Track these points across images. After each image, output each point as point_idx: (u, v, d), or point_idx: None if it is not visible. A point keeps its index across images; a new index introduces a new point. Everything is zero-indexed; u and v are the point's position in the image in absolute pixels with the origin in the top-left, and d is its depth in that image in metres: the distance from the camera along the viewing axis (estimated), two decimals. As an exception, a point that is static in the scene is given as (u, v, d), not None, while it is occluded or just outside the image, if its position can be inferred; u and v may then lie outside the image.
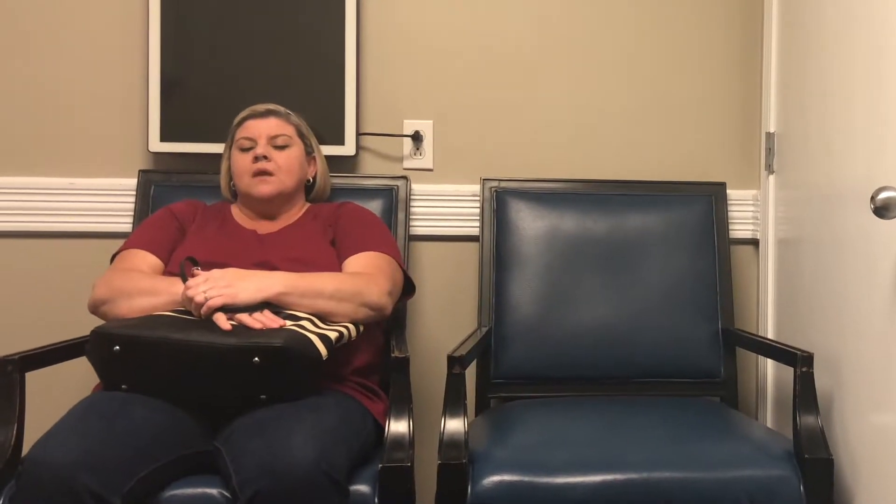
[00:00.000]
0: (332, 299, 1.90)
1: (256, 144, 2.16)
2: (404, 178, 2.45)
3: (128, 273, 1.99)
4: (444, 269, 2.53)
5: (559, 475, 1.81)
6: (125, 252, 2.07)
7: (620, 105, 2.57)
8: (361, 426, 1.87)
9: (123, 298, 1.92)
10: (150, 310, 1.90)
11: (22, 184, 2.46)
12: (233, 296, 1.82)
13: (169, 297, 1.92)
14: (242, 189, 2.17)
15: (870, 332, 1.90)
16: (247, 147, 2.16)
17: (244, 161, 2.16)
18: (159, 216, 2.17)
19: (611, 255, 2.38)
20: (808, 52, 2.25)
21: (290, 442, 1.62)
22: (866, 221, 1.85)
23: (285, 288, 1.87)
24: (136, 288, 1.93)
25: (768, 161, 2.47)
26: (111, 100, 2.48)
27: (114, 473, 1.58)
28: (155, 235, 2.11)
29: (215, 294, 1.82)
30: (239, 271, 1.89)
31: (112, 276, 1.98)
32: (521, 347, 2.33)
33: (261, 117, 2.19)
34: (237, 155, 2.18)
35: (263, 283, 1.87)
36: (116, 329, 1.78)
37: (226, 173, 2.26)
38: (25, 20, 2.46)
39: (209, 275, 1.86)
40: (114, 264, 2.06)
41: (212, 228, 2.15)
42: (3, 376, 1.82)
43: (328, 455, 1.63)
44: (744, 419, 2.19)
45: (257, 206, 2.18)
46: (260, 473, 1.58)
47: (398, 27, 2.53)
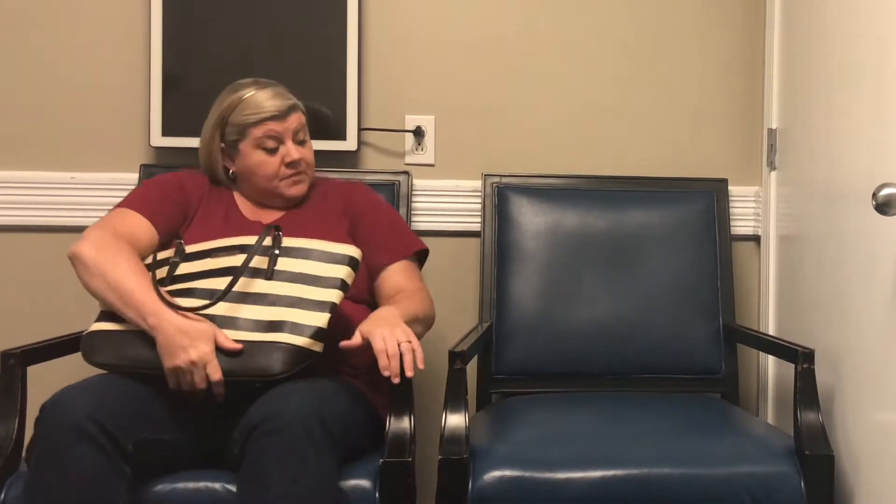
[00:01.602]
0: (420, 324, 1.98)
1: (282, 145, 2.03)
2: (406, 173, 2.45)
3: (119, 252, 1.85)
4: (445, 265, 2.53)
5: (560, 471, 1.81)
6: (126, 211, 1.97)
7: (623, 101, 2.56)
8: (357, 403, 1.88)
9: (98, 279, 1.81)
10: (114, 310, 1.82)
11: (23, 178, 2.46)
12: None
13: (136, 315, 1.78)
14: (266, 188, 2.05)
15: (871, 329, 1.90)
16: (272, 148, 2.02)
17: (271, 164, 2.02)
18: (169, 184, 2.06)
19: (612, 252, 2.38)
20: (811, 48, 2.24)
21: (289, 398, 1.70)
22: (868, 218, 1.85)
23: (403, 319, 1.88)
24: (116, 281, 1.80)
25: (770, 157, 2.46)
26: (112, 94, 2.48)
27: (125, 421, 1.65)
28: (161, 205, 2.01)
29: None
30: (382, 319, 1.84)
31: (105, 245, 1.85)
32: (523, 343, 2.33)
33: (284, 118, 2.02)
34: (259, 155, 2.02)
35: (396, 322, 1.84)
36: (110, 360, 1.80)
37: (217, 159, 2.08)
38: (27, 15, 2.46)
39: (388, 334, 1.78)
40: (112, 221, 1.94)
41: (218, 217, 2.05)
42: (5, 370, 1.82)
43: (323, 409, 1.69)
44: (745, 415, 2.19)
45: (277, 202, 2.09)
46: (260, 420, 1.66)
47: (400, 22, 2.52)
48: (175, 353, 1.73)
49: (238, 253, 1.87)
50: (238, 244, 1.90)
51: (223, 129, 2.04)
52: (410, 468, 1.78)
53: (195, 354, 1.73)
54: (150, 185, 2.08)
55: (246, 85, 2.05)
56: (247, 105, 2.01)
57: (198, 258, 1.91)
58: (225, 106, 2.03)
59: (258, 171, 2.03)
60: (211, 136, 2.06)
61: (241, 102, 2.01)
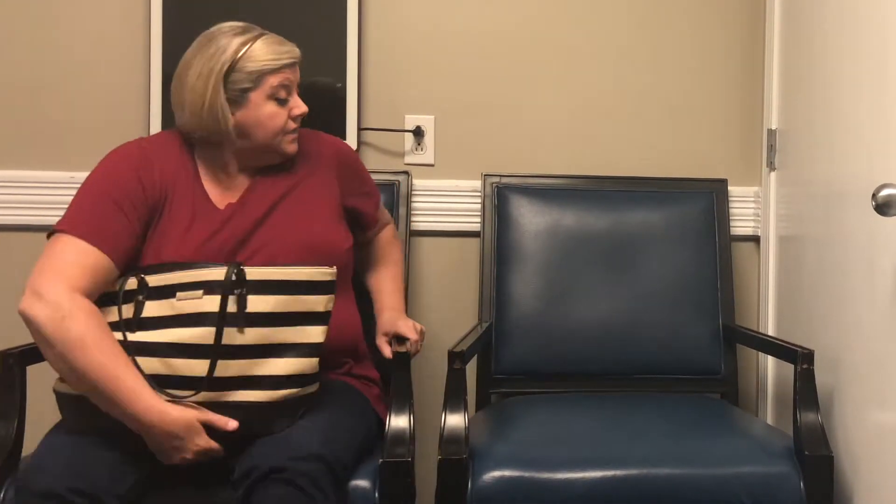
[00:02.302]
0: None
1: (290, 97, 1.87)
2: (405, 173, 2.45)
3: (85, 328, 1.64)
4: (444, 265, 2.53)
5: (559, 471, 1.81)
6: (76, 244, 1.71)
7: (622, 101, 2.56)
8: (362, 417, 1.87)
9: (61, 362, 1.64)
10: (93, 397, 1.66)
11: (22, 177, 2.46)
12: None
13: (115, 414, 1.64)
14: (267, 144, 1.86)
15: (871, 329, 1.90)
16: (283, 98, 1.85)
17: (281, 116, 1.85)
18: (124, 188, 1.79)
19: (612, 252, 2.38)
20: (811, 49, 2.24)
21: (292, 442, 1.64)
22: (868, 218, 1.85)
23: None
24: (84, 371, 1.62)
25: (770, 158, 2.46)
26: (112, 93, 2.47)
27: (105, 478, 1.61)
28: (117, 227, 1.76)
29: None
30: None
31: (64, 316, 1.63)
32: (522, 343, 2.33)
33: (295, 67, 1.88)
34: (271, 106, 1.83)
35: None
36: (82, 429, 1.69)
37: (222, 114, 1.81)
38: (26, 13, 2.46)
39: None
40: (62, 265, 1.69)
41: (184, 216, 1.83)
42: (5, 370, 1.82)
43: (328, 449, 1.65)
44: (744, 416, 2.19)
45: (267, 160, 1.90)
46: (266, 470, 1.60)
47: (399, 22, 2.52)
48: (170, 454, 1.66)
49: (202, 293, 1.68)
50: (200, 281, 1.70)
51: (228, 77, 1.80)
52: (410, 468, 1.78)
53: (190, 453, 1.66)
54: (98, 185, 1.81)
55: (241, 30, 1.84)
56: (263, 49, 1.82)
57: (161, 296, 1.71)
58: (231, 51, 1.80)
59: (268, 125, 1.84)
60: (212, 86, 1.79)
61: (251, 47, 1.81)
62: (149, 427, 1.64)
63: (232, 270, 1.68)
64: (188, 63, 1.83)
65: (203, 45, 1.84)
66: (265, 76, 1.82)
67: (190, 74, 1.82)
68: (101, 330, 1.66)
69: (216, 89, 1.80)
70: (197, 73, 1.81)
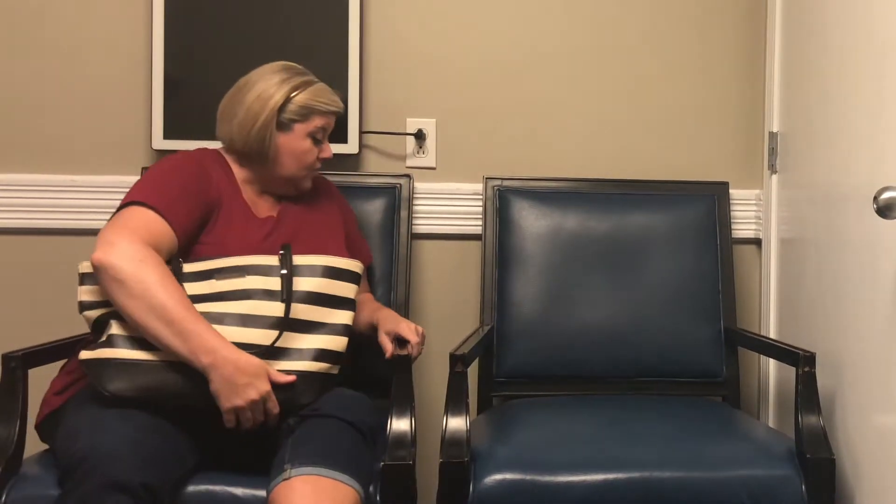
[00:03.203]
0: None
1: (323, 141, 2.06)
2: (407, 176, 2.45)
3: (161, 273, 1.75)
4: (446, 268, 2.53)
5: (561, 474, 1.81)
6: (147, 213, 1.82)
7: (624, 104, 2.56)
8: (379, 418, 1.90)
9: (139, 302, 1.72)
10: (148, 335, 1.74)
11: (24, 181, 2.46)
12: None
13: (187, 349, 1.72)
14: (291, 176, 2.03)
15: (872, 332, 1.90)
16: (319, 139, 2.04)
17: (312, 154, 2.03)
18: (193, 176, 1.94)
19: (613, 255, 2.38)
20: (812, 52, 2.24)
21: (332, 443, 1.75)
22: (869, 222, 1.85)
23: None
24: (163, 309, 1.72)
25: (771, 161, 2.46)
26: (114, 97, 2.48)
27: (160, 468, 1.64)
28: (185, 207, 1.88)
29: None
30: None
31: (142, 260, 1.73)
32: (524, 346, 2.33)
33: (335, 118, 2.08)
34: (306, 142, 2.01)
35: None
36: (128, 392, 1.74)
37: (268, 134, 1.98)
38: (29, 17, 2.46)
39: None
40: (136, 225, 1.80)
41: (238, 220, 1.98)
42: (7, 373, 1.82)
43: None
44: (746, 419, 2.19)
45: (282, 191, 2.06)
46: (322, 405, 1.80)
47: (401, 26, 2.52)
48: (237, 391, 1.72)
49: (241, 275, 1.84)
50: (240, 265, 1.85)
51: (284, 106, 1.99)
52: (411, 471, 1.78)
53: (256, 393, 1.73)
54: (169, 173, 1.94)
55: (300, 71, 2.06)
56: (318, 92, 2.02)
57: (198, 279, 1.84)
58: (293, 84, 2.00)
59: (300, 158, 2.02)
60: (269, 110, 1.97)
61: (309, 87, 2.02)
62: (223, 360, 1.71)
63: (287, 253, 1.87)
64: (251, 84, 2.02)
65: (266, 73, 2.03)
66: (313, 115, 2.01)
67: (251, 94, 2.00)
68: (173, 278, 1.78)
69: (272, 113, 1.98)
70: (257, 95, 1.99)
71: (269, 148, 1.99)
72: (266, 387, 1.74)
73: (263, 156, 2.00)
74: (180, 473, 1.70)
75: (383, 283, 2.32)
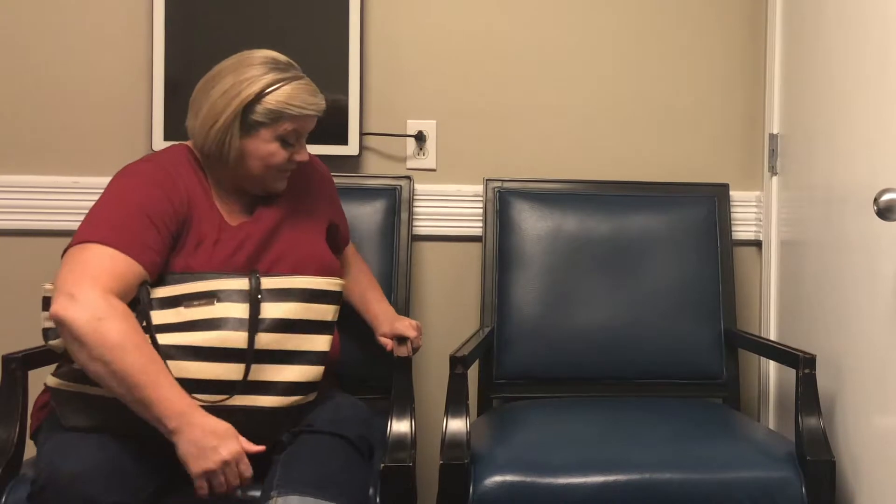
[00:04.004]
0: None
1: (296, 143, 1.88)
2: (407, 178, 2.45)
3: (123, 331, 1.61)
4: (446, 270, 2.53)
5: (561, 476, 1.81)
6: (109, 253, 1.68)
7: (624, 106, 2.56)
8: (370, 425, 1.86)
9: (99, 365, 1.60)
10: (114, 394, 1.62)
11: (25, 182, 2.46)
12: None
13: (150, 416, 1.61)
14: (257, 176, 1.86)
15: (872, 334, 1.90)
16: (290, 142, 1.86)
17: (280, 156, 1.84)
18: (155, 206, 1.76)
19: (613, 256, 2.38)
20: (812, 54, 2.24)
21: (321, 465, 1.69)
22: (869, 223, 1.85)
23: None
24: (124, 373, 1.60)
25: (771, 162, 2.47)
26: (115, 98, 2.48)
27: (132, 486, 1.61)
28: (148, 238, 1.73)
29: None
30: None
31: (103, 317, 1.60)
32: (524, 348, 2.33)
33: (313, 120, 1.89)
34: (273, 146, 1.83)
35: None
36: (92, 425, 1.67)
37: (230, 135, 1.81)
38: (29, 18, 2.46)
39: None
40: (96, 271, 1.65)
41: (209, 228, 1.84)
42: (6, 374, 1.82)
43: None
44: (746, 421, 2.19)
45: (254, 190, 1.91)
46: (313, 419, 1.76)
47: (402, 27, 2.52)
48: (206, 454, 1.60)
49: (211, 302, 1.71)
50: (210, 290, 1.73)
51: (250, 107, 1.80)
52: (411, 473, 1.79)
53: (227, 453, 1.61)
54: (128, 196, 1.78)
55: (280, 66, 1.84)
56: (293, 94, 1.82)
57: (166, 305, 1.72)
58: (262, 84, 1.80)
59: (266, 160, 1.84)
60: (232, 110, 1.79)
61: (283, 87, 1.81)
62: (188, 425, 1.60)
63: (253, 278, 1.73)
64: (220, 75, 1.84)
65: (239, 65, 1.83)
66: (282, 120, 1.82)
67: (216, 88, 1.82)
68: (138, 332, 1.65)
69: (234, 114, 1.80)
70: (223, 91, 1.81)
71: (229, 151, 1.82)
72: (237, 447, 1.62)
73: (226, 157, 1.83)
74: (151, 490, 1.64)
75: (383, 285, 2.31)
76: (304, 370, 1.73)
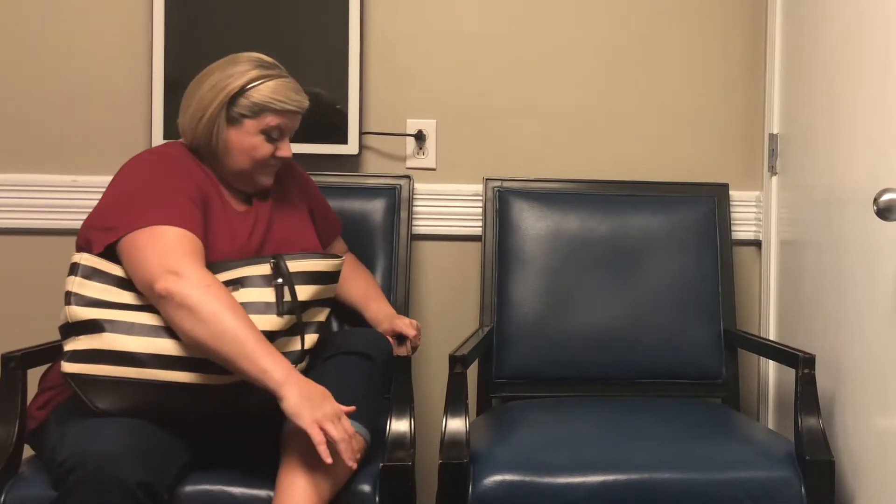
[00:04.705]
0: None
1: (280, 139, 1.94)
2: (407, 177, 2.45)
3: (226, 297, 1.72)
4: (446, 269, 2.53)
5: (560, 475, 1.81)
6: (181, 234, 1.78)
7: (624, 105, 2.56)
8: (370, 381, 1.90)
9: (207, 327, 1.68)
10: (214, 357, 1.71)
11: (25, 181, 2.46)
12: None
13: (257, 369, 1.68)
14: (240, 170, 1.94)
15: (872, 334, 1.90)
16: (274, 138, 1.93)
17: (263, 151, 1.92)
18: (187, 185, 1.87)
19: (613, 256, 2.38)
20: (812, 54, 2.24)
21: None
22: (869, 223, 1.85)
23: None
24: (234, 333, 1.68)
25: (771, 162, 2.47)
26: (115, 97, 2.48)
27: (159, 465, 1.64)
28: (197, 214, 1.84)
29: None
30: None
31: (208, 286, 1.71)
32: (523, 347, 2.33)
33: (296, 117, 1.97)
34: (258, 139, 1.91)
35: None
36: (121, 409, 1.71)
37: (216, 128, 1.90)
38: (30, 18, 2.46)
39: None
40: (186, 249, 1.76)
41: (222, 213, 1.93)
42: (6, 373, 1.82)
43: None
44: (745, 420, 2.19)
45: (240, 186, 1.98)
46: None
47: (402, 26, 2.53)
48: (314, 406, 1.67)
49: (235, 289, 1.79)
50: (234, 278, 1.81)
51: (234, 99, 1.89)
52: (410, 472, 1.79)
53: (330, 408, 1.68)
54: (161, 179, 1.87)
55: (264, 65, 1.93)
56: (276, 89, 1.90)
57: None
58: (246, 78, 1.89)
59: (249, 153, 1.92)
60: (218, 101, 1.89)
61: (267, 82, 1.90)
62: (296, 380, 1.69)
63: (281, 262, 1.83)
64: (207, 74, 1.94)
65: (226, 63, 1.94)
66: (265, 112, 1.91)
67: (205, 85, 1.92)
68: (236, 301, 1.75)
69: (220, 105, 1.89)
70: (210, 85, 1.91)
71: (217, 142, 1.90)
72: (337, 406, 1.69)
73: (212, 149, 1.91)
74: (176, 470, 1.69)
75: (383, 284, 2.32)
76: (311, 339, 1.84)
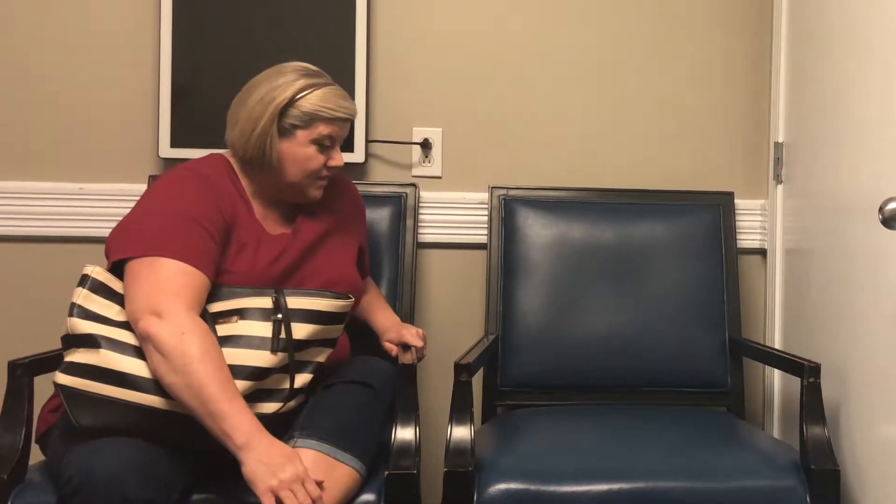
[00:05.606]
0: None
1: (332, 149, 1.94)
2: (413, 185, 2.46)
3: (203, 347, 1.68)
4: (451, 277, 2.53)
5: (565, 483, 1.81)
6: (181, 267, 1.75)
7: (629, 114, 2.57)
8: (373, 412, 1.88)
9: (179, 377, 1.65)
10: (187, 408, 1.67)
11: (31, 188, 2.47)
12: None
13: (219, 430, 1.65)
14: (295, 183, 1.92)
15: (877, 343, 1.90)
16: (327, 146, 1.92)
17: (317, 161, 1.91)
18: (205, 213, 1.83)
19: (618, 264, 2.38)
20: (818, 63, 2.25)
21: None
22: (874, 232, 1.85)
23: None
24: (200, 387, 1.65)
25: (776, 171, 2.47)
26: (122, 105, 2.49)
27: (164, 483, 1.63)
28: (209, 248, 1.80)
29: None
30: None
31: (186, 332, 1.68)
32: (529, 355, 2.33)
33: (346, 125, 1.96)
34: (311, 149, 1.90)
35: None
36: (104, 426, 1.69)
37: (268, 140, 1.88)
38: (36, 24, 2.47)
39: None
40: (173, 286, 1.73)
41: (250, 236, 1.90)
42: (13, 380, 1.82)
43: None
44: (750, 429, 2.19)
45: (292, 199, 1.97)
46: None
47: (408, 35, 2.53)
48: (273, 471, 1.62)
49: (235, 319, 1.78)
50: (236, 308, 1.79)
51: (285, 111, 1.88)
52: (415, 480, 1.79)
53: (293, 472, 1.63)
54: (179, 215, 1.82)
55: (311, 73, 1.93)
56: (325, 97, 1.90)
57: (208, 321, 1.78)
58: (295, 88, 1.88)
59: (303, 164, 1.91)
60: (269, 114, 1.87)
61: (315, 91, 1.90)
62: (257, 444, 1.65)
63: (280, 297, 1.79)
64: (254, 86, 1.93)
65: (272, 75, 1.93)
66: (317, 121, 1.90)
67: (252, 97, 1.91)
68: (216, 349, 1.71)
69: (272, 118, 1.88)
70: (258, 98, 1.90)
71: (271, 154, 1.89)
72: (302, 467, 1.65)
73: (266, 163, 1.90)
74: (182, 486, 1.68)
75: (389, 292, 2.32)
76: (302, 378, 1.80)
